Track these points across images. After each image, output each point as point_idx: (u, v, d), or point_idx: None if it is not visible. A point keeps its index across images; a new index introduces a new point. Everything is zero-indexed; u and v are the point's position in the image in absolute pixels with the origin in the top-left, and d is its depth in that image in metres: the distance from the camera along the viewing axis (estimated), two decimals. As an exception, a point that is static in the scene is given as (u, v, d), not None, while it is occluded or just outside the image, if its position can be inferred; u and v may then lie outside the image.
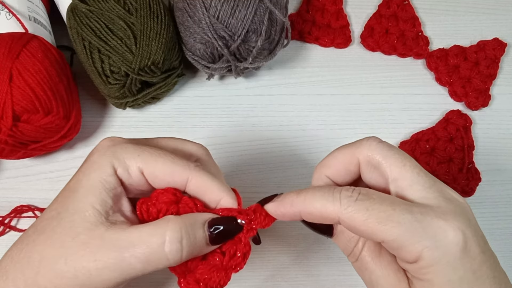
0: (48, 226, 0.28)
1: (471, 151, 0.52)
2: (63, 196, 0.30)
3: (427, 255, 0.26)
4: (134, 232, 0.27)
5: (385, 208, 0.27)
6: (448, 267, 0.26)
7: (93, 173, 0.29)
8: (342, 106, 0.54)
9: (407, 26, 0.57)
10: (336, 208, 0.27)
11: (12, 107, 0.42)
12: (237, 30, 0.46)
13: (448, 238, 0.26)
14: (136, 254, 0.27)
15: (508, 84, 0.56)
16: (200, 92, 0.54)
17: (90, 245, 0.27)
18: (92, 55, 0.46)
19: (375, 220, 0.26)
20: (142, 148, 0.30)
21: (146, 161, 0.29)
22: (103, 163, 0.29)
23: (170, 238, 0.27)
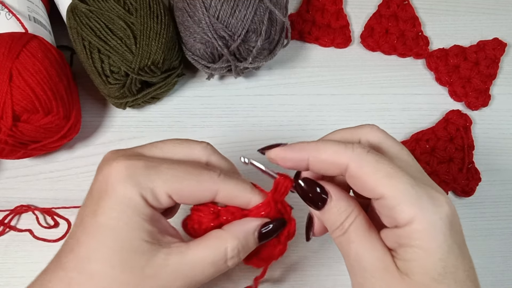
0: (101, 269, 0.28)
1: (471, 151, 0.52)
2: (101, 236, 0.28)
3: (422, 217, 0.27)
4: (197, 255, 0.29)
5: (393, 165, 0.28)
6: (440, 234, 0.27)
7: (128, 209, 0.28)
8: (342, 106, 0.54)
9: (407, 26, 0.57)
10: (348, 154, 0.28)
11: (12, 107, 0.42)
12: (237, 30, 0.46)
13: (444, 208, 0.27)
14: (205, 273, 0.29)
15: (508, 84, 0.56)
16: (200, 92, 0.54)
17: (159, 276, 0.28)
18: (92, 55, 0.46)
19: (383, 173, 0.27)
20: (164, 171, 0.29)
21: (173, 186, 0.29)
22: (133, 196, 0.28)
23: (231, 255, 0.30)
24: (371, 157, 0.28)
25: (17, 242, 0.47)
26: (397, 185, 0.27)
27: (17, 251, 0.46)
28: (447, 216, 0.27)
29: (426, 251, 0.27)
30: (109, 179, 0.29)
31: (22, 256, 0.46)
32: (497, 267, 0.48)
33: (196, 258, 0.29)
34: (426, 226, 0.27)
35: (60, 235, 0.47)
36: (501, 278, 0.47)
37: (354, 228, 0.29)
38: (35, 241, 0.47)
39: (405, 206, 0.27)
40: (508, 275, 0.48)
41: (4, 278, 0.45)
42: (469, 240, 0.51)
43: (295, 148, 0.30)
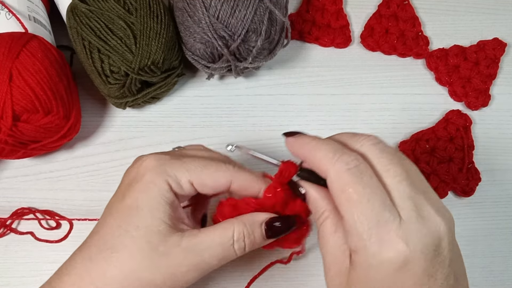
0: (120, 243, 0.31)
1: (471, 151, 0.52)
2: (125, 215, 0.32)
3: (363, 255, 0.28)
4: (207, 237, 0.32)
5: (362, 191, 0.28)
6: (372, 280, 0.28)
7: (152, 191, 0.32)
8: (342, 106, 0.54)
9: (407, 26, 0.57)
10: (329, 167, 0.29)
11: (12, 107, 0.41)
12: (237, 30, 0.46)
13: (389, 255, 0.27)
14: (214, 254, 0.32)
15: (508, 84, 0.56)
16: (200, 92, 0.54)
17: (172, 254, 0.31)
18: (92, 54, 0.46)
19: (346, 197, 0.28)
20: (187, 162, 0.33)
21: (195, 174, 0.33)
22: (159, 181, 0.32)
23: (236, 237, 0.32)
24: (346, 177, 0.28)
25: (17, 242, 0.47)
26: (356, 215, 0.28)
27: (17, 251, 0.46)
28: (394, 263, 0.27)
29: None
30: (140, 169, 0.33)
31: (22, 256, 0.46)
32: (497, 267, 0.48)
33: (206, 239, 0.32)
34: (364, 265, 0.28)
35: (61, 236, 0.47)
36: (501, 278, 0.47)
37: (322, 229, 0.32)
38: (35, 241, 0.47)
39: (355, 238, 0.28)
40: (508, 275, 0.48)
41: (4, 278, 0.45)
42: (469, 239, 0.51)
43: (299, 144, 0.33)
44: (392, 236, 0.27)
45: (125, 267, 0.30)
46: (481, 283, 0.47)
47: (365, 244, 0.27)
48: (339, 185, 0.29)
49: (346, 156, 0.29)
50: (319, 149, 0.31)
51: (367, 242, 0.27)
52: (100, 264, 0.31)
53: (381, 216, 0.27)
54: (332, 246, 0.31)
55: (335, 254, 0.31)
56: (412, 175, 0.30)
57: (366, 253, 0.27)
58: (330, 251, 0.31)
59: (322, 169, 0.30)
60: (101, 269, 0.31)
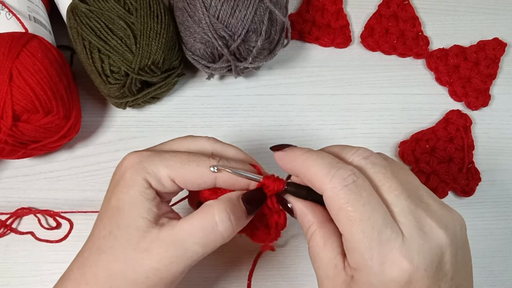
0: (105, 245, 0.31)
1: (471, 151, 0.52)
2: (109, 216, 0.32)
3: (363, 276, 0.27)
4: (186, 224, 0.31)
5: (361, 209, 0.27)
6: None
7: (132, 189, 0.31)
8: (342, 106, 0.54)
9: (407, 26, 0.57)
10: (325, 183, 0.28)
11: (12, 107, 0.42)
12: (237, 30, 0.46)
13: (392, 274, 0.27)
14: (196, 241, 0.30)
15: (508, 84, 0.56)
16: (200, 91, 0.54)
17: (152, 249, 0.30)
18: (92, 54, 0.46)
19: (345, 214, 0.28)
20: (167, 158, 0.32)
21: (175, 170, 0.32)
22: (138, 179, 0.32)
23: (219, 217, 0.31)
24: (344, 194, 0.28)
25: (17, 242, 0.47)
26: (356, 234, 0.27)
27: (17, 251, 0.46)
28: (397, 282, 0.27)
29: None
30: (121, 168, 0.33)
31: (22, 256, 0.46)
32: (497, 267, 0.48)
33: (185, 227, 0.31)
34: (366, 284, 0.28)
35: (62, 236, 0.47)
36: (501, 278, 0.47)
37: (311, 244, 0.32)
38: (35, 241, 0.47)
39: (357, 256, 0.28)
40: (508, 275, 0.48)
41: (5, 278, 0.45)
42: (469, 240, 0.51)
43: (289, 157, 0.32)
44: (395, 254, 0.26)
45: (111, 268, 0.30)
46: (481, 283, 0.47)
47: (367, 263, 0.27)
48: (337, 203, 0.28)
49: (343, 171, 0.28)
50: (313, 164, 0.29)
51: (369, 261, 0.27)
52: (92, 267, 0.31)
53: (383, 234, 0.27)
54: (323, 260, 0.30)
55: (327, 269, 0.30)
56: (407, 186, 0.29)
57: (368, 272, 0.27)
58: (321, 266, 0.31)
59: (317, 185, 0.29)
60: (93, 272, 0.31)
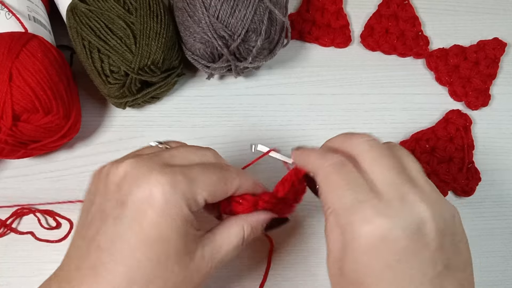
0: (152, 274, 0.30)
1: (471, 151, 0.52)
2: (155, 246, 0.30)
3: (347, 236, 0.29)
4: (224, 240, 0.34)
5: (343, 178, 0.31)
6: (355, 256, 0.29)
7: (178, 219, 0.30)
8: (342, 105, 0.54)
9: (407, 25, 0.57)
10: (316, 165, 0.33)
11: (12, 107, 0.42)
12: (236, 30, 0.46)
13: (368, 228, 0.28)
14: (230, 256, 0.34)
15: (508, 84, 0.56)
16: (200, 91, 0.54)
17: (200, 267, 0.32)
18: (91, 54, 0.46)
19: (328, 183, 0.31)
20: (201, 181, 0.32)
21: (209, 192, 0.32)
22: (181, 208, 0.30)
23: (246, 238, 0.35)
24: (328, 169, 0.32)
25: (17, 242, 0.47)
26: (333, 198, 0.31)
27: (17, 251, 0.46)
28: (371, 236, 0.28)
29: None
30: (152, 193, 0.29)
31: (22, 256, 0.46)
32: (497, 267, 0.48)
33: (223, 243, 0.33)
34: (350, 244, 0.29)
35: (62, 235, 0.47)
36: (501, 278, 0.47)
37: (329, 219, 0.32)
38: (35, 241, 0.47)
39: (340, 218, 0.30)
40: (508, 275, 0.48)
41: (4, 278, 0.45)
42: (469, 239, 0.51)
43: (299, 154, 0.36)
44: (372, 212, 0.28)
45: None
46: (481, 283, 0.47)
47: (348, 221, 0.29)
48: (322, 177, 0.32)
49: (330, 156, 0.32)
50: (310, 155, 0.34)
51: (350, 219, 0.29)
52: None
53: (361, 196, 0.29)
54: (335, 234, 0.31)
55: (335, 242, 0.31)
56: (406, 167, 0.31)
57: (351, 230, 0.29)
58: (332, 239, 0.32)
59: (313, 170, 0.34)
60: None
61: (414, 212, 0.28)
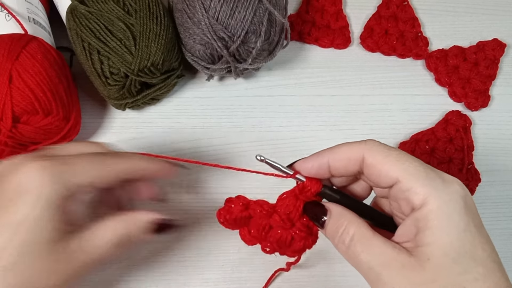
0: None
1: (471, 152, 0.52)
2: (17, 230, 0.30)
3: (436, 197, 0.27)
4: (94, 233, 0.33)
5: (403, 152, 0.30)
6: (454, 213, 0.27)
7: (43, 203, 0.30)
8: (341, 106, 0.54)
9: (407, 26, 0.57)
10: (361, 147, 0.31)
11: (11, 109, 0.42)
12: (236, 31, 0.46)
13: (456, 188, 0.28)
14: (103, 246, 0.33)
15: (508, 85, 0.56)
16: (200, 93, 0.54)
17: (64, 258, 0.31)
18: (91, 56, 0.46)
19: (395, 158, 0.29)
20: (71, 163, 0.32)
21: (84, 175, 0.32)
22: (50, 193, 0.31)
23: (118, 241, 0.34)
24: (382, 147, 0.30)
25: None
26: (408, 168, 0.29)
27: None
28: (461, 196, 0.28)
29: (442, 231, 0.27)
30: (26, 179, 0.30)
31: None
32: (497, 268, 0.48)
33: (95, 239, 0.32)
34: (441, 205, 0.27)
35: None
36: (501, 279, 0.47)
37: (358, 239, 0.30)
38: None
39: (419, 187, 0.28)
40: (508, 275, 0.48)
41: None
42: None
43: (314, 155, 0.33)
44: (446, 175, 0.29)
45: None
46: (481, 284, 0.47)
47: (433, 185, 0.28)
48: (381, 154, 0.30)
49: (369, 139, 0.31)
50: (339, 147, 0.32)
51: (433, 182, 0.28)
52: None
53: (428, 165, 0.29)
54: (377, 248, 0.29)
55: (385, 254, 0.28)
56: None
57: (437, 194, 0.28)
58: (376, 255, 0.29)
59: (355, 156, 0.31)
60: None
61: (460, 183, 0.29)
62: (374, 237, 0.29)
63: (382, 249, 0.29)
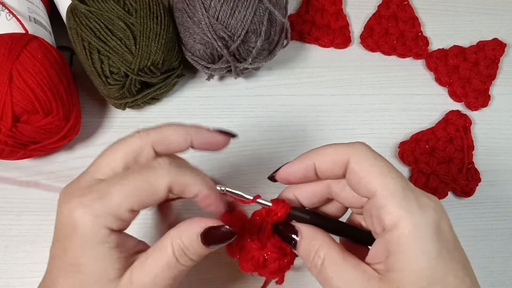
0: None
1: (471, 152, 0.52)
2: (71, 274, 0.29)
3: (407, 221, 0.27)
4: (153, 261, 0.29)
5: (389, 166, 0.29)
6: (426, 240, 0.27)
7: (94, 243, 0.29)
8: (341, 106, 0.54)
9: (407, 26, 0.57)
10: (348, 150, 0.30)
11: (12, 108, 0.42)
12: (236, 31, 0.46)
13: (430, 213, 0.27)
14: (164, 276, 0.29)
15: (508, 84, 0.56)
16: (200, 92, 0.54)
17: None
18: (91, 55, 0.46)
19: (379, 170, 0.28)
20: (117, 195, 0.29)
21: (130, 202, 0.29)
22: (98, 230, 0.29)
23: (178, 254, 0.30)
24: (370, 153, 0.29)
25: (17, 243, 0.47)
26: (388, 184, 0.28)
27: (17, 252, 0.46)
28: (434, 221, 0.27)
29: (412, 258, 0.27)
30: (70, 218, 0.29)
31: (22, 256, 0.46)
32: (497, 267, 0.48)
33: (152, 265, 0.29)
34: (412, 230, 0.27)
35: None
36: (501, 278, 0.47)
37: (328, 264, 0.29)
38: (35, 242, 0.47)
39: (393, 207, 0.27)
40: (508, 275, 0.48)
41: (4, 279, 0.45)
42: (469, 240, 0.51)
43: (300, 158, 0.32)
44: (422, 195, 0.28)
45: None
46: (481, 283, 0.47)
47: (407, 207, 0.27)
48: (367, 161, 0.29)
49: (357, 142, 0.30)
50: (326, 149, 0.31)
51: (408, 204, 0.27)
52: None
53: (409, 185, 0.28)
54: (347, 273, 0.28)
55: (355, 279, 0.28)
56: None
57: (410, 218, 0.27)
58: (347, 280, 0.28)
59: (341, 158, 0.30)
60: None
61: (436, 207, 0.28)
62: (344, 262, 0.29)
63: (352, 276, 0.28)
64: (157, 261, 0.29)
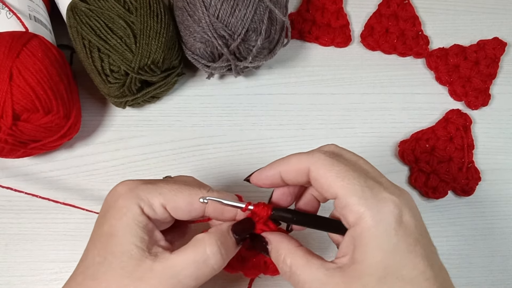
0: (99, 271, 0.31)
1: (471, 151, 0.52)
2: (103, 242, 0.32)
3: (368, 217, 0.29)
4: (179, 258, 0.31)
5: (346, 168, 0.31)
6: (384, 234, 0.28)
7: (125, 216, 0.32)
8: (342, 105, 0.54)
9: (407, 25, 0.57)
10: (308, 159, 0.32)
11: (12, 106, 0.42)
12: (237, 29, 0.46)
13: (389, 207, 0.29)
14: (188, 274, 0.31)
15: (508, 84, 0.56)
16: (200, 91, 0.54)
17: (145, 279, 0.30)
18: (92, 54, 0.46)
19: (335, 174, 0.30)
20: (161, 186, 0.33)
21: (167, 197, 0.33)
22: (131, 205, 0.32)
23: (211, 251, 0.32)
24: (327, 160, 0.31)
25: (17, 241, 0.47)
26: (346, 186, 0.30)
27: (17, 250, 0.46)
28: (394, 216, 0.29)
29: (370, 251, 0.29)
30: (114, 195, 0.33)
31: (22, 255, 0.46)
32: (497, 267, 0.48)
33: (179, 260, 0.31)
34: (371, 225, 0.29)
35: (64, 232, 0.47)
36: (501, 278, 0.47)
37: (295, 268, 0.32)
38: (35, 240, 0.47)
39: (353, 205, 0.29)
40: (508, 275, 0.48)
41: (5, 277, 0.45)
42: (468, 239, 0.51)
43: (268, 166, 0.35)
44: (383, 193, 0.30)
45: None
46: (481, 283, 0.47)
47: (367, 204, 0.29)
48: (324, 168, 0.31)
49: (317, 150, 0.33)
50: (289, 158, 0.33)
51: (368, 204, 0.29)
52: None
53: (368, 182, 0.30)
54: (310, 273, 0.31)
55: (317, 278, 0.30)
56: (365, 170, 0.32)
57: (369, 214, 0.29)
58: (310, 279, 0.31)
59: (302, 167, 0.32)
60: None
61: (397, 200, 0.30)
62: (308, 264, 0.31)
63: (316, 276, 0.31)
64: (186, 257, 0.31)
